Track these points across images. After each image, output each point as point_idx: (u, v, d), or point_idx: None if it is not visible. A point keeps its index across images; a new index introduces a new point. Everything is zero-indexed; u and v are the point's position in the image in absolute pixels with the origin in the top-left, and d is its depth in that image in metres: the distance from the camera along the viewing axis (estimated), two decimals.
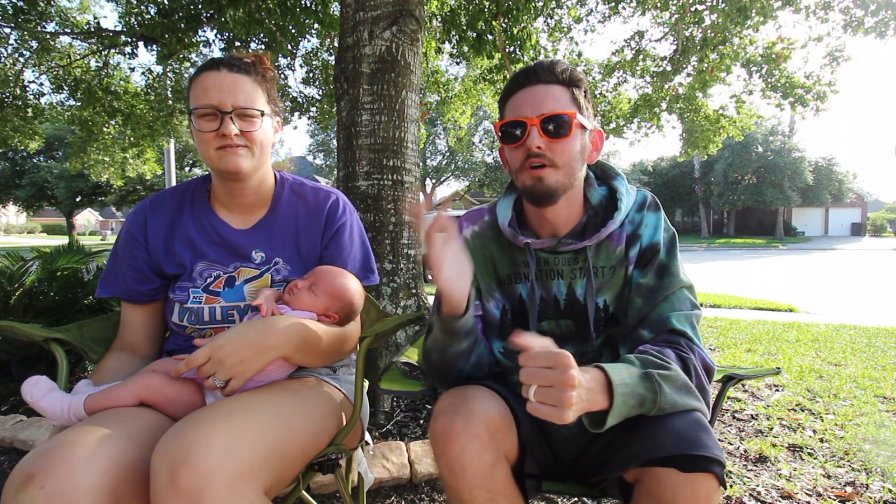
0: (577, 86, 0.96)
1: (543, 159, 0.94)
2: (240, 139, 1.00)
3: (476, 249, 1.08)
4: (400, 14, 2.30)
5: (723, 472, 0.75)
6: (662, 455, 0.76)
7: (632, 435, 0.83)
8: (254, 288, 1.08)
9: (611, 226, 0.98)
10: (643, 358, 0.84)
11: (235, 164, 1.00)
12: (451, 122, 8.58)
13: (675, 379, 0.82)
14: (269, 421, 0.84)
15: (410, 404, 2.34)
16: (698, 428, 0.79)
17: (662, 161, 39.34)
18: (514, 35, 4.76)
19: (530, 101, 0.95)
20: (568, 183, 0.96)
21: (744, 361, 3.52)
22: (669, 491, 0.75)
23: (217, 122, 0.98)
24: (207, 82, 0.99)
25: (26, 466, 0.71)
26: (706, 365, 0.90)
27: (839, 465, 1.93)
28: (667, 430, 0.79)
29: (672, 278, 0.95)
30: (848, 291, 8.37)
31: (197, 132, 1.00)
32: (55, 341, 1.04)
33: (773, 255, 18.79)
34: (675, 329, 0.91)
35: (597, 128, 1.01)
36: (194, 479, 0.70)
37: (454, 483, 0.84)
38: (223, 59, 1.02)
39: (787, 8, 4.68)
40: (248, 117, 1.01)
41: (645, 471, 0.79)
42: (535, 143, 0.93)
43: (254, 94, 1.02)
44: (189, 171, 25.83)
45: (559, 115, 0.92)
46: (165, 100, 6.77)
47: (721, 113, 6.56)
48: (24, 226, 55.64)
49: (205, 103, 0.98)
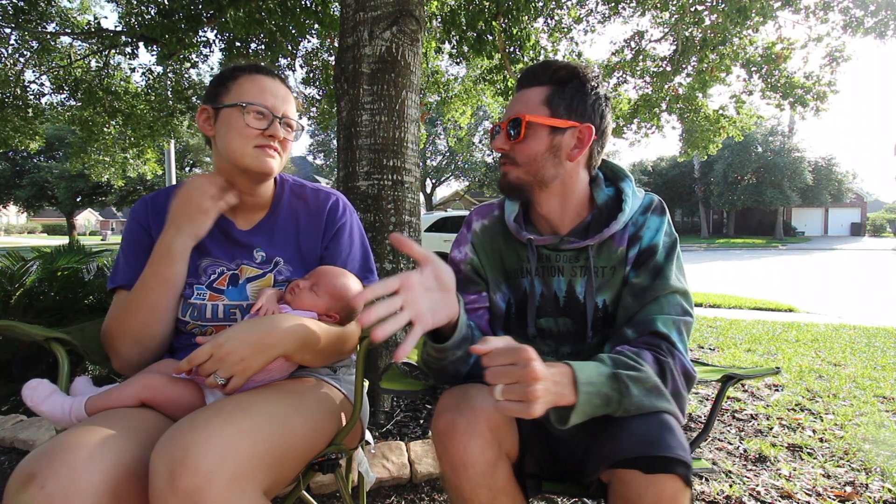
0: (562, 84, 0.97)
1: (506, 158, 1.02)
2: (278, 144, 1.06)
3: (485, 243, 1.11)
4: (400, 14, 2.30)
5: (688, 472, 0.75)
6: (625, 457, 0.77)
7: (601, 436, 0.83)
8: (257, 287, 1.08)
9: (614, 226, 0.98)
10: (616, 358, 0.85)
11: (270, 166, 1.05)
12: (451, 123, 8.59)
13: (644, 381, 0.82)
14: (269, 421, 0.84)
15: (410, 404, 2.35)
16: (662, 429, 0.79)
17: (662, 161, 39.35)
18: (514, 35, 4.76)
19: (511, 105, 1.02)
20: (531, 179, 1.00)
21: (743, 361, 3.53)
22: (635, 493, 0.75)
23: (266, 122, 1.04)
24: (264, 84, 1.05)
25: (27, 466, 0.71)
26: (686, 371, 0.90)
27: (839, 464, 1.94)
28: (630, 432, 0.79)
29: (664, 281, 0.95)
30: (848, 291, 8.38)
31: (240, 126, 1.02)
32: (56, 341, 1.04)
33: (772, 255, 18.79)
34: (658, 332, 0.91)
35: (584, 125, 0.98)
36: (193, 479, 0.70)
37: (456, 481, 0.84)
38: (273, 69, 1.10)
39: (787, 8, 4.69)
40: (290, 128, 1.09)
41: (613, 472, 0.79)
42: (497, 143, 1.03)
43: (294, 108, 1.11)
44: (189, 172, 25.84)
45: (516, 118, 0.98)
46: (166, 100, 6.77)
47: (721, 113, 6.56)
48: (25, 226, 55.66)
49: (262, 102, 1.03)
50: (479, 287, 1.09)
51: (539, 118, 0.97)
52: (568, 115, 0.97)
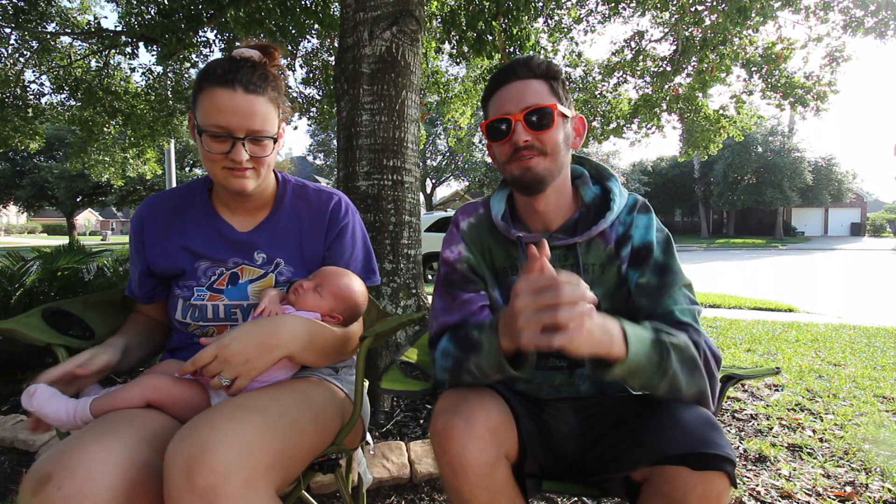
0: (555, 77, 1.00)
1: (532, 150, 0.97)
2: (248, 163, 0.97)
3: (475, 241, 1.10)
4: (400, 14, 2.30)
5: (734, 470, 0.75)
6: (674, 453, 0.76)
7: (641, 433, 0.83)
8: (258, 288, 1.08)
9: (602, 224, 1.00)
10: (655, 325, 0.85)
11: (241, 186, 0.99)
12: (451, 123, 8.58)
13: (683, 349, 0.82)
14: (281, 420, 0.84)
15: (410, 404, 2.35)
16: (710, 426, 0.79)
17: (662, 161, 39.33)
18: (513, 35, 4.76)
19: (513, 98, 0.97)
20: (556, 169, 1.00)
21: (743, 361, 3.53)
22: (680, 490, 0.75)
23: (227, 145, 0.94)
24: (221, 102, 0.92)
25: (43, 467, 0.71)
26: (714, 352, 0.90)
27: (839, 464, 1.94)
28: (678, 428, 0.79)
29: (674, 276, 0.96)
30: (848, 291, 8.38)
31: (203, 150, 0.96)
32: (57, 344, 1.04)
33: (772, 255, 18.79)
34: (680, 321, 0.92)
35: (577, 115, 1.05)
36: (210, 477, 0.70)
37: (455, 482, 0.84)
38: (239, 76, 0.93)
39: (787, 8, 4.69)
40: (260, 142, 0.97)
41: (655, 469, 0.79)
42: (521, 137, 0.96)
43: (268, 115, 0.96)
44: (189, 172, 25.84)
45: (541, 107, 0.96)
46: (166, 100, 6.77)
47: (721, 113, 6.57)
48: (25, 226, 55.66)
49: (217, 124, 0.92)
50: (478, 286, 1.08)
51: (563, 107, 0.99)
52: (567, 105, 1.01)
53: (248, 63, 0.96)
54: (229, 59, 0.97)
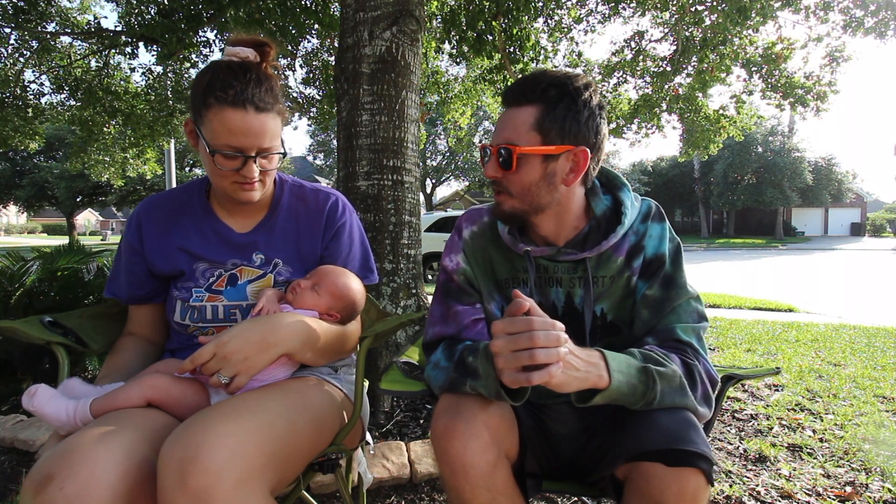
0: (553, 103, 0.88)
1: (499, 186, 0.94)
2: (258, 176, 0.99)
3: (476, 251, 1.07)
4: (400, 14, 2.30)
5: (710, 468, 0.75)
6: (648, 449, 0.77)
7: (621, 431, 0.84)
8: (257, 288, 1.08)
9: (612, 239, 0.96)
10: (645, 353, 0.86)
11: (249, 198, 1.01)
12: (451, 123, 8.58)
13: (671, 378, 0.83)
14: (276, 420, 0.84)
15: (410, 404, 2.35)
16: (686, 424, 0.80)
17: (662, 161, 39.33)
18: (513, 35, 4.76)
19: (498, 126, 0.94)
20: (527, 209, 0.94)
21: (743, 361, 3.53)
22: (657, 486, 0.75)
23: (239, 162, 0.95)
24: (234, 124, 0.91)
25: (44, 468, 0.71)
26: (710, 376, 0.90)
27: (839, 464, 1.94)
28: (654, 426, 0.80)
29: (679, 290, 0.95)
30: (848, 291, 8.38)
31: (212, 166, 0.96)
32: (56, 343, 1.04)
33: (772, 255, 18.79)
34: (680, 339, 0.91)
35: (579, 148, 0.90)
36: (203, 478, 0.70)
37: (455, 483, 0.84)
38: (248, 95, 0.92)
39: (787, 8, 4.68)
40: (270, 156, 0.99)
41: (633, 466, 0.79)
42: (489, 171, 0.93)
43: (276, 130, 0.98)
44: (189, 172, 25.84)
45: (507, 148, 0.89)
46: (166, 100, 6.77)
47: (721, 113, 6.57)
48: (25, 226, 55.65)
49: (230, 145, 0.93)
50: (473, 298, 1.06)
51: (530, 148, 0.89)
52: (561, 138, 0.89)
53: (252, 76, 0.94)
54: (231, 70, 0.94)
